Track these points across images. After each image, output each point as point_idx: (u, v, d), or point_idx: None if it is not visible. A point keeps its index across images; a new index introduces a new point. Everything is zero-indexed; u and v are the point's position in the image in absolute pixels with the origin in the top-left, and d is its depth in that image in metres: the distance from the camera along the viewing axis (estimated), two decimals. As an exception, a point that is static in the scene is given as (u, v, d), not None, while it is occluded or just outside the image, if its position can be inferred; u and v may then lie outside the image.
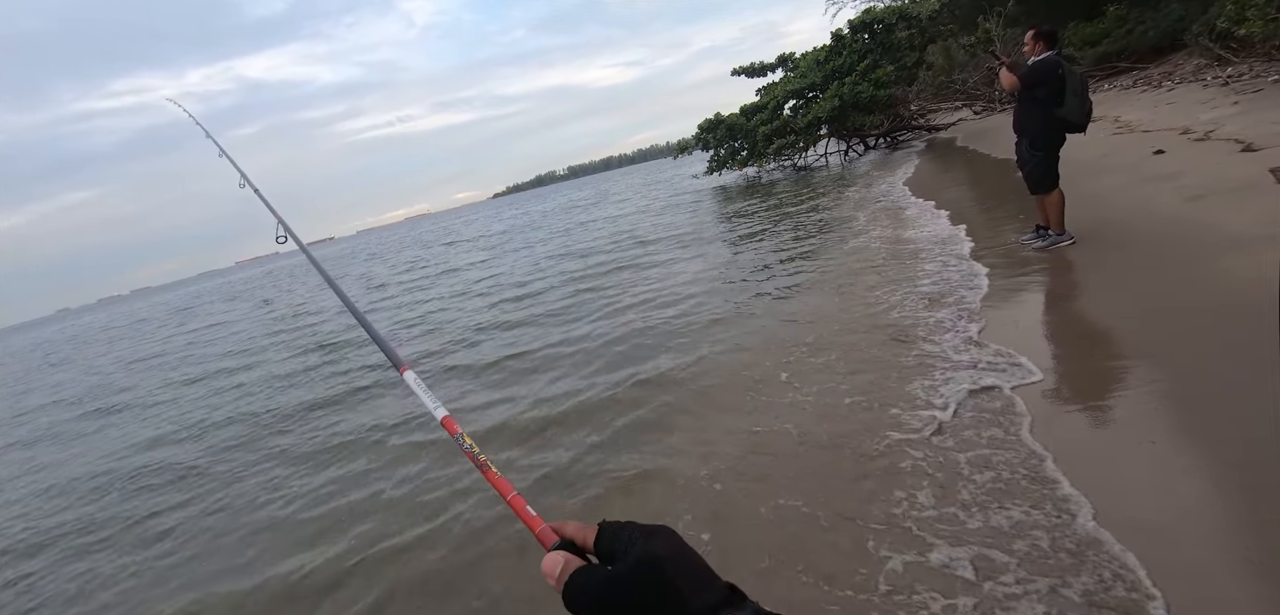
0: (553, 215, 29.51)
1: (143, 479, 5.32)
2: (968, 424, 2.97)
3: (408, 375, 0.86)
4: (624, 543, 0.53)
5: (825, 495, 2.70)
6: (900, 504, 2.49)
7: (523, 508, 0.64)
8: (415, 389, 0.83)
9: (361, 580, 2.98)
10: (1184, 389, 2.76)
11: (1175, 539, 1.97)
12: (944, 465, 2.68)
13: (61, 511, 5.06)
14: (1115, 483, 2.31)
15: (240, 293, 30.94)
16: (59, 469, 6.43)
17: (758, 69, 23.25)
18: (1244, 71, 9.63)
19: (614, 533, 0.55)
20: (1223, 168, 5.73)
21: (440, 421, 0.77)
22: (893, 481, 2.66)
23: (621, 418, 4.10)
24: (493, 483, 0.68)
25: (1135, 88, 13.00)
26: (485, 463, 0.71)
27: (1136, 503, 2.17)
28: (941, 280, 5.22)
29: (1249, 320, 3.07)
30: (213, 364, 10.44)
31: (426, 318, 9.97)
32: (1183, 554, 1.91)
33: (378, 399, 5.89)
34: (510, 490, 0.66)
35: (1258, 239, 3.96)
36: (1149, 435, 2.50)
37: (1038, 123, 4.99)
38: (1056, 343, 3.73)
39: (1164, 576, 1.84)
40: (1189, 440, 2.41)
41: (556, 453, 3.82)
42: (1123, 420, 2.69)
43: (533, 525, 0.61)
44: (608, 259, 11.22)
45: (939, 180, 11.17)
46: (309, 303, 16.20)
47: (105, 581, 3.67)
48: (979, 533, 2.22)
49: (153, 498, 4.80)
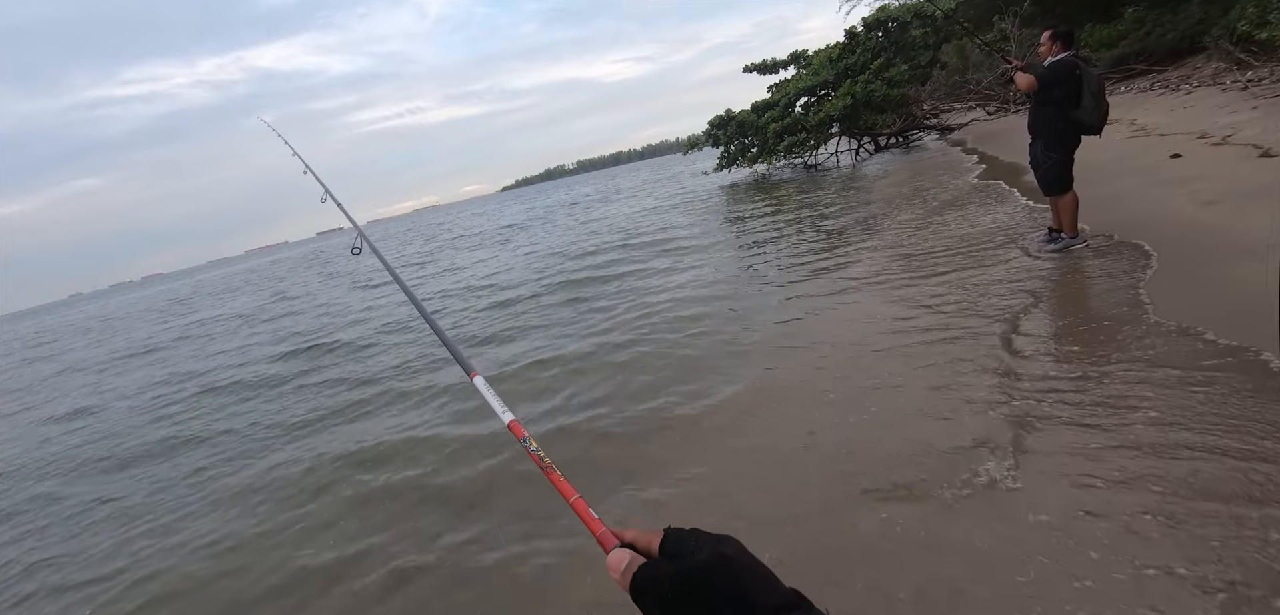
0: (557, 211, 28.96)
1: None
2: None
3: (477, 380, 0.92)
4: (690, 546, 0.54)
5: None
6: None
7: (585, 510, 0.66)
8: (484, 394, 0.87)
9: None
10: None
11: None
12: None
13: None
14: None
15: (240, 286, 30.65)
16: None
17: (769, 66, 23.15)
18: (1264, 76, 9.51)
19: (680, 538, 0.56)
20: (1240, 173, 5.68)
21: (507, 426, 0.81)
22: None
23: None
24: (556, 485, 0.71)
25: (1152, 90, 12.86)
26: (550, 466, 0.74)
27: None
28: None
29: (1262, 328, 3.06)
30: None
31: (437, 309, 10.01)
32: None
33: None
34: (572, 493, 0.69)
35: (1275, 246, 3.93)
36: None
37: (1053, 124, 4.97)
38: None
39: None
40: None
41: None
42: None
43: (594, 527, 0.62)
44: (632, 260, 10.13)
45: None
46: (333, 302, 14.30)
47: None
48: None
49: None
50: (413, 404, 5.36)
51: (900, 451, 2.86)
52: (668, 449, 3.53)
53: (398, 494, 3.74)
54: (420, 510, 3.49)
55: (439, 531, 3.21)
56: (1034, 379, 3.24)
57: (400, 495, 3.71)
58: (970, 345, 3.84)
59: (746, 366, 4.48)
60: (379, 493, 3.81)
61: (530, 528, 3.01)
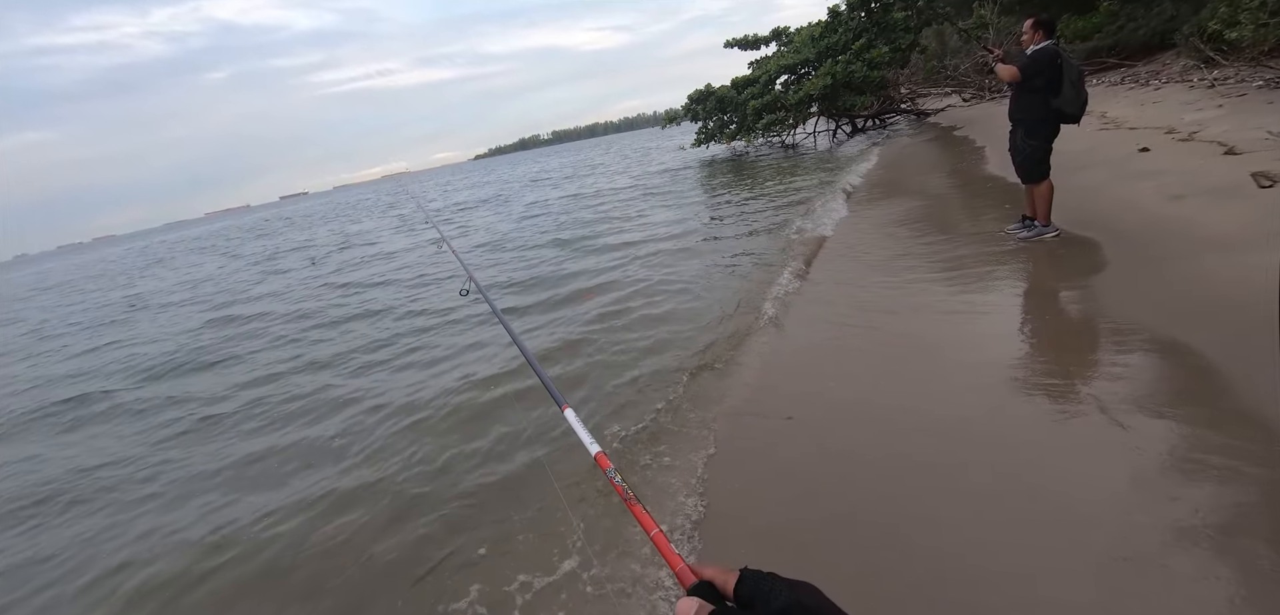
0: (519, 189, 26.66)
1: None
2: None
3: (568, 413, 0.96)
4: (765, 591, 0.53)
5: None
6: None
7: (665, 545, 0.67)
8: (574, 426, 0.92)
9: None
10: (1160, 385, 2.81)
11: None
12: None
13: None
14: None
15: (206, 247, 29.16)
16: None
17: (751, 41, 22.98)
18: (1230, 75, 9.76)
19: (755, 580, 0.56)
20: (1205, 169, 5.81)
21: (594, 458, 0.86)
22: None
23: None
24: (638, 517, 0.73)
25: (1123, 84, 13.12)
26: (633, 498, 0.76)
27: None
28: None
29: (1222, 320, 3.14)
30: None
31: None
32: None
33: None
34: (654, 527, 0.70)
35: (1237, 242, 4.03)
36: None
37: (1034, 112, 4.99)
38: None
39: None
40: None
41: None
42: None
43: (673, 563, 0.63)
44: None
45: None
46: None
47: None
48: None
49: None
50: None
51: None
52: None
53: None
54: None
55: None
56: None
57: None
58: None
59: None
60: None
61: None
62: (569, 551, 2.51)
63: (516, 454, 3.47)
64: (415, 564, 2.70)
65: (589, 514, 2.72)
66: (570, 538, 2.57)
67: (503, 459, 3.45)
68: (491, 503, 3.04)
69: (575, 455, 3.15)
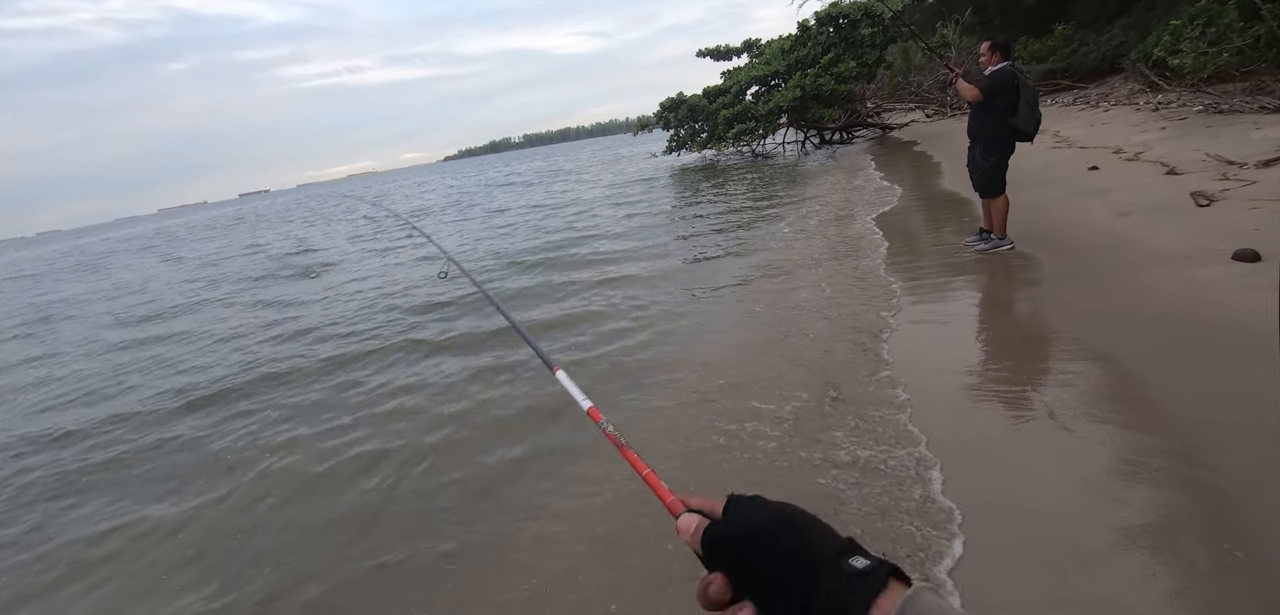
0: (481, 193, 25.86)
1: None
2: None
3: (559, 374, 1.02)
4: (749, 507, 0.59)
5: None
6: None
7: (656, 482, 0.70)
8: (566, 385, 0.97)
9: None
10: (1107, 387, 2.94)
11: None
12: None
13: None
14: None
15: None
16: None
17: (723, 52, 23.24)
18: (1172, 99, 10.29)
19: (741, 502, 0.60)
20: (1149, 188, 6.11)
21: (587, 412, 0.89)
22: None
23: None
24: (629, 460, 0.77)
25: (1075, 105, 13.72)
26: (624, 444, 0.80)
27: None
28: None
29: (1167, 329, 3.31)
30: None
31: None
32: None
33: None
34: (644, 467, 0.74)
35: (1178, 257, 4.25)
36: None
37: (993, 130, 5.17)
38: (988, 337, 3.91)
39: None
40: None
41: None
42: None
43: (664, 497, 0.68)
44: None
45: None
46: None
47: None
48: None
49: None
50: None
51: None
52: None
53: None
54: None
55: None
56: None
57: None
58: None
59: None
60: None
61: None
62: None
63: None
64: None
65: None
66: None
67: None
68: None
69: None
